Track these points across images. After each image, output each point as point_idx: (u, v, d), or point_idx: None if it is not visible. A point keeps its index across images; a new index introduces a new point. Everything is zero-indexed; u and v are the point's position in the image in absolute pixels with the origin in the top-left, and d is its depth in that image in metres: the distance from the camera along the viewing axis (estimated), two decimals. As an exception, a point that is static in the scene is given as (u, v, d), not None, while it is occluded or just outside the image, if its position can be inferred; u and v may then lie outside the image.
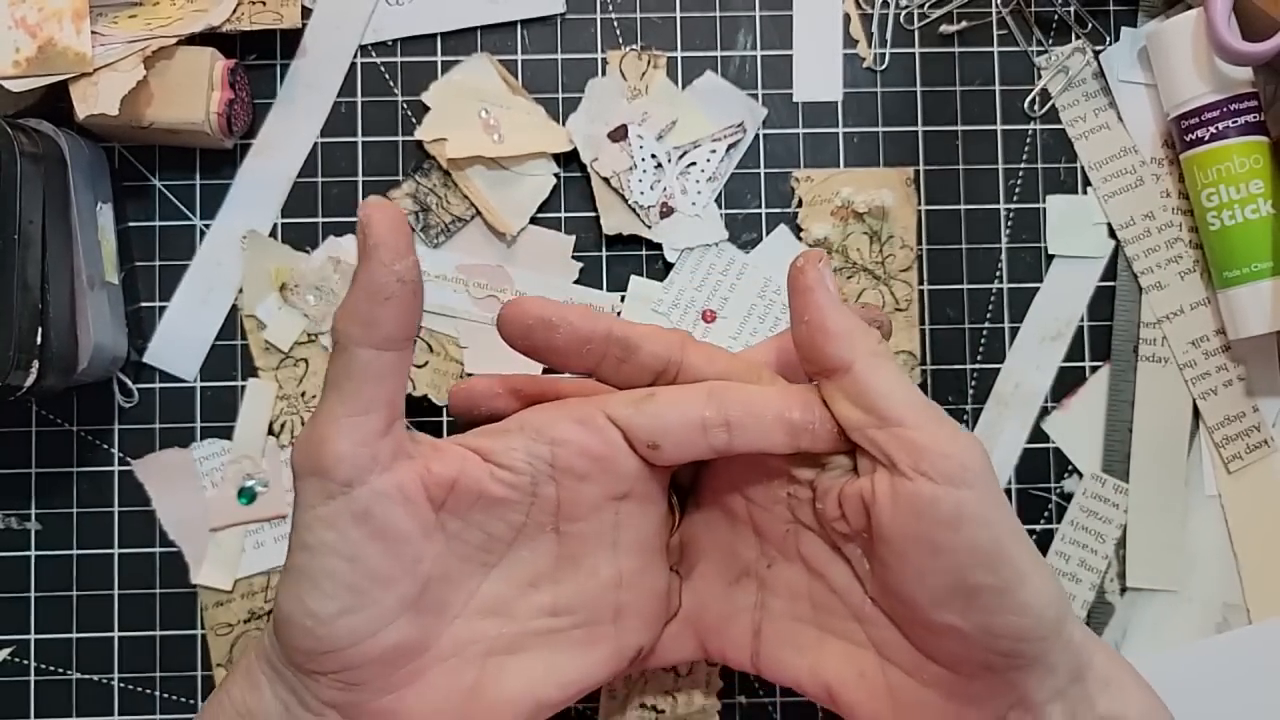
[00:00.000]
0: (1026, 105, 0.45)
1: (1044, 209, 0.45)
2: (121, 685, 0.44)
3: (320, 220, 0.45)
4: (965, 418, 0.45)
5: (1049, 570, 0.29)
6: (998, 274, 0.45)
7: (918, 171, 0.45)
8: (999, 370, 0.45)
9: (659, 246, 0.44)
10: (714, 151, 0.45)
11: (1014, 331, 0.45)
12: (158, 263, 0.44)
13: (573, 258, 0.45)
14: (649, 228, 0.44)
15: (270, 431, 0.44)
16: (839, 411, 0.30)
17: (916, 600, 0.28)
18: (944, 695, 0.29)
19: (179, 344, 0.44)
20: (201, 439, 0.44)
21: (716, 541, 0.35)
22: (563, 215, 0.45)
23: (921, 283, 0.45)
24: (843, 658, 0.32)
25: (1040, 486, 0.45)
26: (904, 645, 0.30)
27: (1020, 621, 0.27)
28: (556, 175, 0.45)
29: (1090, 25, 0.46)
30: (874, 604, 0.31)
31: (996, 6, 0.46)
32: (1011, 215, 0.45)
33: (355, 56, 0.45)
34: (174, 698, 0.44)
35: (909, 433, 0.28)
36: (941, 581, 0.28)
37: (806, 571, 0.33)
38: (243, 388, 0.44)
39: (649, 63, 0.45)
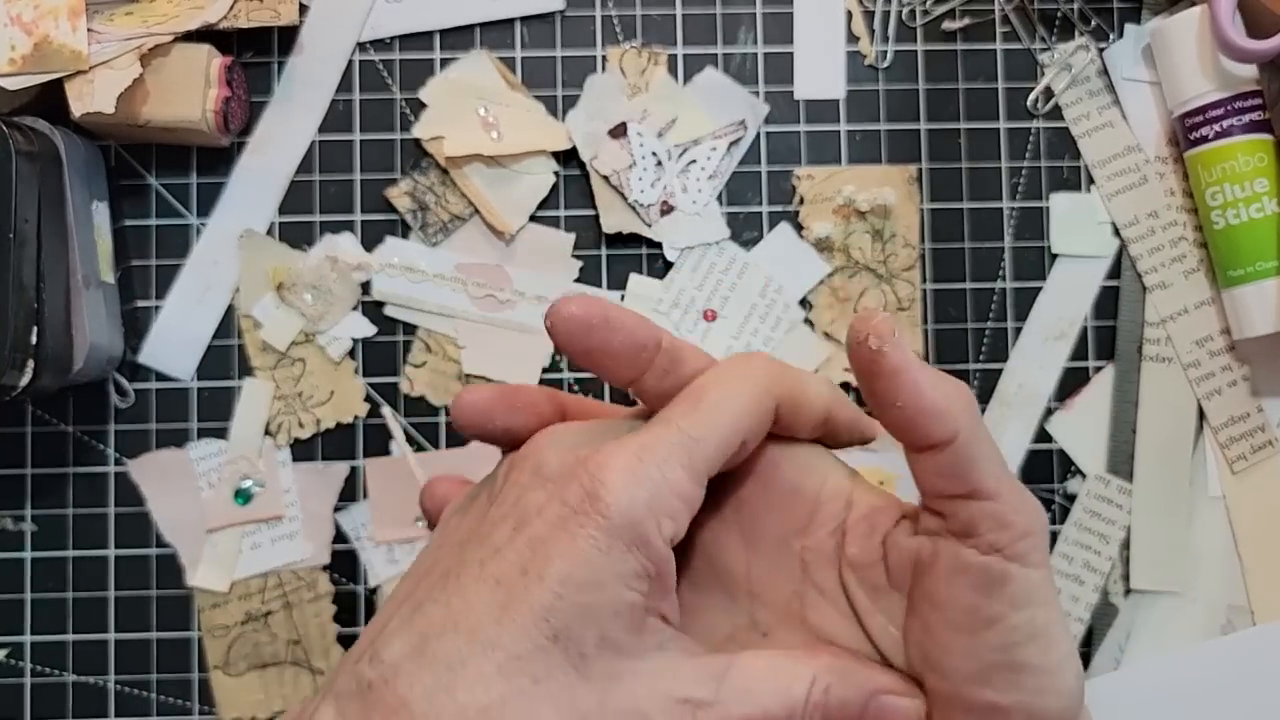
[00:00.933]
0: (1030, 103, 0.45)
1: (1047, 207, 0.45)
2: (117, 687, 0.43)
3: (317, 219, 0.44)
4: (968, 418, 0.44)
5: (1077, 654, 0.29)
6: (1001, 273, 0.45)
7: (920, 170, 0.45)
8: (1002, 370, 0.45)
9: (659, 245, 0.44)
10: (715, 149, 0.44)
11: (1017, 331, 0.45)
12: (154, 262, 0.44)
13: (572, 256, 0.44)
14: (649, 226, 0.44)
15: (267, 432, 0.44)
16: (923, 479, 0.29)
17: (959, 673, 0.28)
18: None
19: (175, 343, 0.44)
20: (198, 439, 0.44)
21: (699, 605, 0.32)
22: (562, 213, 0.45)
23: (924, 282, 0.45)
24: None
25: (1044, 487, 0.44)
26: None
27: (1059, 704, 0.27)
28: (556, 173, 0.44)
29: (1094, 22, 0.45)
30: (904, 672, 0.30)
31: (999, 3, 0.45)
32: (1015, 214, 0.45)
33: (353, 54, 0.45)
34: (170, 699, 0.43)
35: (998, 507, 0.27)
36: (990, 658, 0.27)
37: (813, 638, 0.32)
38: (239, 388, 0.44)
39: (649, 59, 0.45)
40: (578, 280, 0.44)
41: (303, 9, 0.44)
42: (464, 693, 0.25)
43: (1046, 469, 0.44)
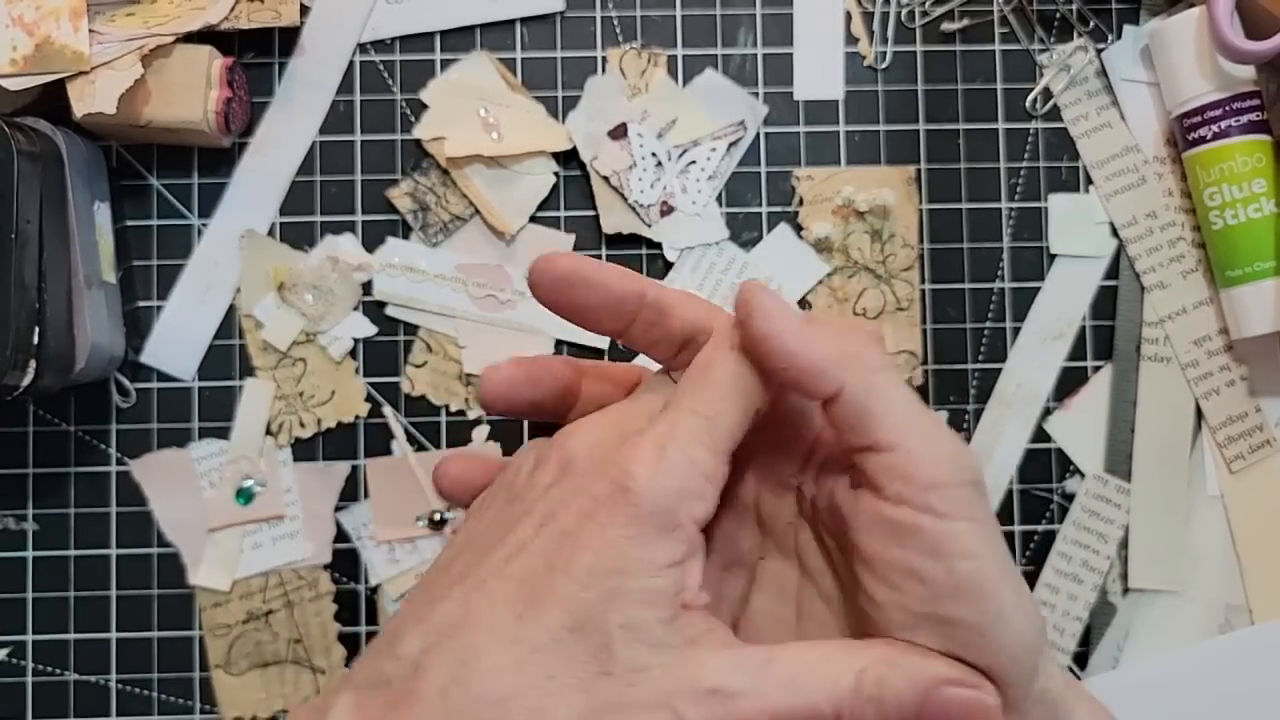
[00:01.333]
0: (1028, 104, 0.45)
1: (1046, 208, 0.45)
2: (119, 686, 0.43)
3: (319, 219, 0.44)
4: (967, 418, 0.45)
5: (1033, 611, 0.28)
6: (999, 273, 0.45)
7: (919, 170, 0.45)
8: (1001, 370, 0.45)
9: (659, 245, 0.44)
10: (714, 150, 0.45)
11: (1016, 331, 0.45)
12: (155, 262, 0.44)
13: (572, 257, 0.44)
14: (649, 226, 0.44)
15: (268, 431, 0.44)
16: (835, 434, 0.29)
17: (890, 624, 0.28)
18: None
19: (176, 343, 0.44)
20: (199, 439, 0.44)
21: (718, 523, 0.34)
22: (562, 214, 0.45)
23: (923, 282, 0.45)
24: None
25: (1042, 487, 0.45)
26: None
27: (996, 661, 0.26)
28: (556, 174, 0.44)
29: (1092, 23, 0.45)
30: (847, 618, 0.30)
31: (998, 4, 0.45)
32: (1013, 214, 0.45)
33: (354, 54, 0.45)
34: (171, 699, 0.43)
35: (897, 458, 0.27)
36: (917, 609, 0.27)
37: (799, 572, 0.32)
38: (240, 387, 0.44)
39: (649, 60, 0.45)
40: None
41: (304, 10, 0.44)
42: (478, 685, 0.25)
43: (1045, 469, 0.45)
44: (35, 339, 0.38)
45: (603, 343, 0.44)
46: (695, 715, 0.25)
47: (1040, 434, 0.45)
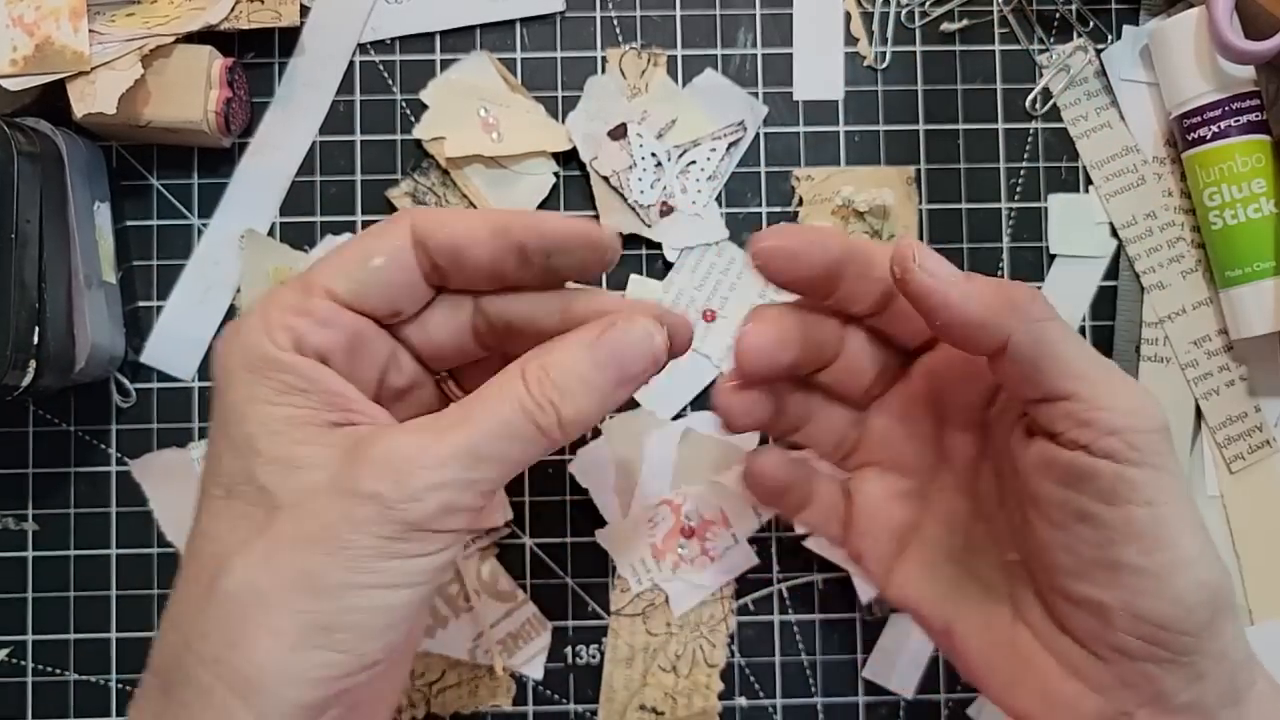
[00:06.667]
0: (1028, 104, 0.45)
1: (1045, 208, 0.45)
2: (119, 686, 0.43)
3: (319, 219, 0.44)
4: (966, 418, 0.45)
5: (1215, 565, 0.26)
6: (999, 273, 0.45)
7: (919, 170, 0.45)
8: (1000, 370, 0.45)
9: (659, 245, 0.44)
10: (714, 150, 0.45)
11: (1015, 331, 0.45)
12: (155, 262, 0.44)
13: (572, 257, 0.44)
14: (649, 227, 0.44)
15: (268, 431, 0.44)
16: (1005, 385, 0.29)
17: (1058, 568, 0.27)
18: (1069, 670, 0.28)
19: (177, 344, 0.44)
20: (199, 439, 0.44)
21: (895, 451, 0.34)
22: (562, 214, 0.45)
23: (922, 282, 0.45)
24: (976, 603, 0.31)
25: (1042, 487, 0.45)
26: (1040, 609, 0.29)
27: (1169, 611, 0.26)
28: (556, 174, 0.44)
29: (1092, 23, 0.45)
30: (1018, 561, 0.30)
31: (998, 5, 0.45)
32: (1013, 214, 0.45)
33: (354, 55, 0.45)
34: (172, 699, 0.43)
35: (1074, 406, 0.26)
36: (1087, 554, 0.26)
37: (972, 507, 0.32)
38: (241, 387, 0.44)
39: (649, 61, 0.45)
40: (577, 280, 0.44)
41: (304, 10, 0.44)
42: (172, 596, 0.27)
43: (1045, 468, 0.45)
44: (35, 339, 0.38)
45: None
46: (374, 483, 0.25)
47: (1040, 434, 0.45)
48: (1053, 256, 0.45)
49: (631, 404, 0.44)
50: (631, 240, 0.44)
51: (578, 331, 0.28)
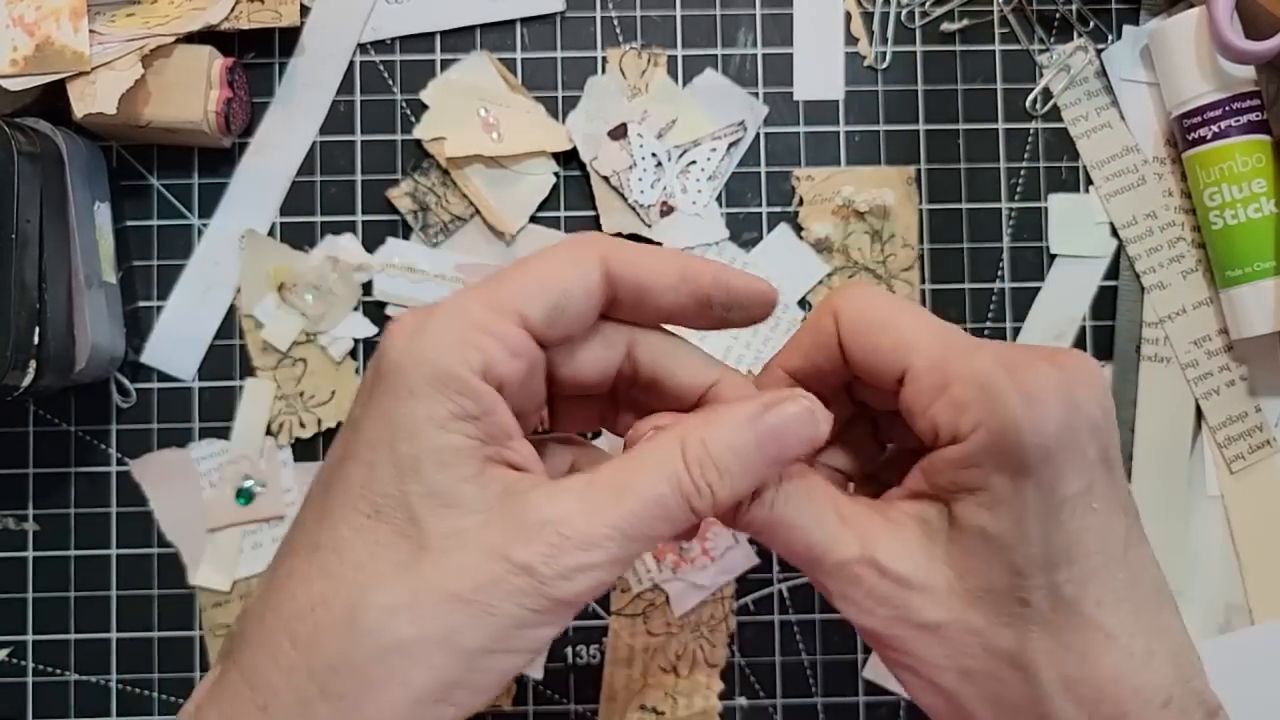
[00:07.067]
0: (1028, 104, 0.45)
1: (1046, 208, 0.45)
2: (119, 686, 0.43)
3: (319, 219, 0.44)
4: (966, 418, 0.45)
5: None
6: (999, 273, 0.45)
7: (919, 170, 0.45)
8: (1000, 370, 0.45)
9: (659, 245, 0.44)
10: (714, 150, 0.45)
11: (1016, 331, 0.45)
12: (155, 262, 0.44)
13: (572, 257, 0.44)
14: (649, 227, 0.44)
15: (268, 431, 0.44)
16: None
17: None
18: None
19: (177, 344, 0.44)
20: (199, 439, 0.44)
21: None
22: (562, 214, 0.45)
23: (923, 282, 0.45)
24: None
25: (1042, 487, 0.44)
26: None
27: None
28: (556, 174, 0.44)
29: (1092, 23, 0.45)
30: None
31: (998, 5, 0.45)
32: (1013, 214, 0.45)
33: (354, 55, 0.45)
34: (172, 699, 0.43)
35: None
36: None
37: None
38: (240, 387, 0.44)
39: (649, 61, 0.45)
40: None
41: (304, 10, 0.44)
42: (287, 601, 0.25)
43: (1045, 468, 0.45)
44: (35, 339, 0.38)
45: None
46: (529, 554, 0.24)
47: (1040, 434, 0.45)
48: (1053, 256, 0.45)
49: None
50: (631, 240, 0.44)
51: (739, 405, 0.27)
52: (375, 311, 0.44)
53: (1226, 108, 0.42)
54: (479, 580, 0.24)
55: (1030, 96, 0.45)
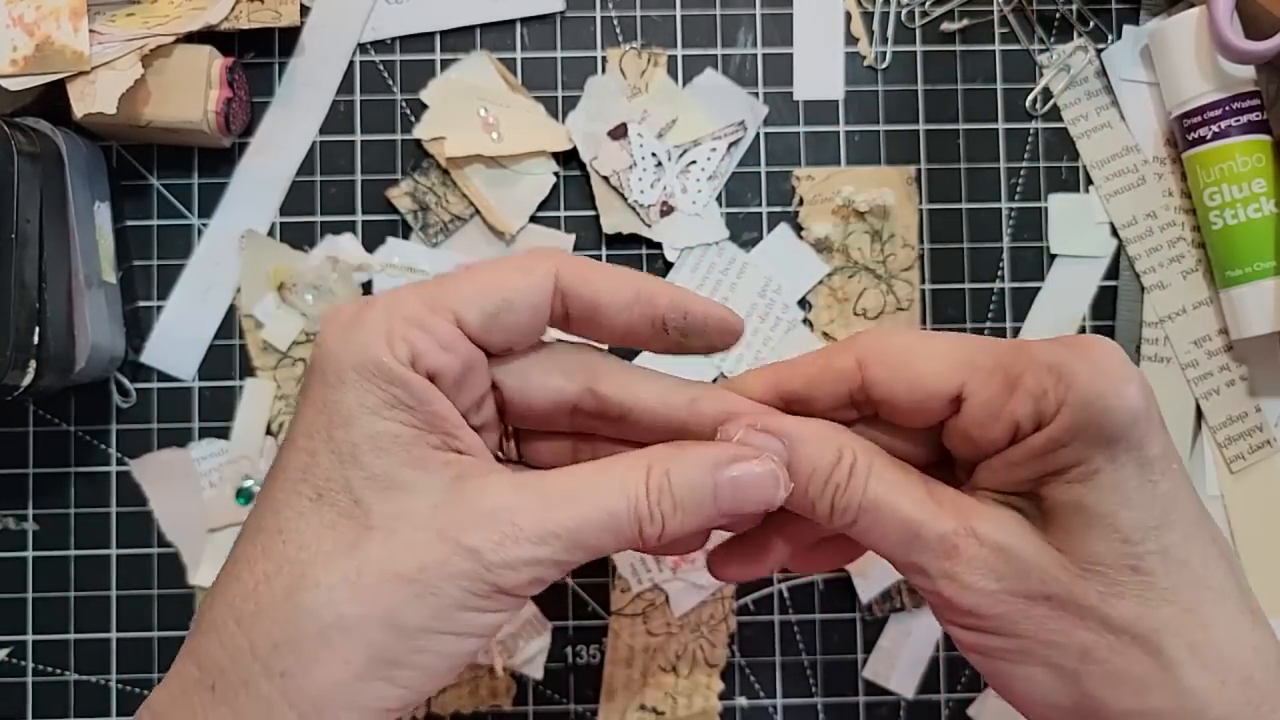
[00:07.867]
0: (1028, 104, 0.45)
1: (1046, 208, 0.45)
2: (119, 686, 0.43)
3: (319, 219, 0.44)
4: (966, 418, 0.45)
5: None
6: (999, 273, 0.45)
7: (919, 170, 0.45)
8: (1000, 370, 0.45)
9: (659, 245, 0.44)
10: (714, 150, 0.45)
11: (1016, 331, 0.45)
12: (155, 262, 0.44)
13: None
14: (649, 226, 0.44)
15: (268, 431, 0.44)
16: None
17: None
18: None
19: (177, 344, 0.44)
20: (199, 439, 0.44)
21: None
22: (562, 214, 0.45)
23: (923, 282, 0.45)
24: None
25: (1042, 487, 0.44)
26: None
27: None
28: (556, 174, 0.44)
29: (1092, 23, 0.45)
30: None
31: (998, 4, 0.45)
32: (1013, 214, 0.45)
33: (354, 54, 0.45)
34: (172, 699, 0.43)
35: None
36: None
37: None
38: (240, 387, 0.44)
39: (649, 60, 0.45)
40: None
41: (304, 10, 0.44)
42: (233, 584, 0.26)
43: (1045, 468, 0.45)
44: (35, 339, 0.38)
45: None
46: (478, 539, 0.25)
47: (1040, 434, 0.45)
48: (1053, 256, 0.45)
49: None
50: (631, 240, 0.44)
51: (709, 448, 0.28)
52: (375, 311, 0.44)
53: (1226, 108, 0.42)
54: (424, 560, 0.25)
55: (1030, 96, 0.45)
